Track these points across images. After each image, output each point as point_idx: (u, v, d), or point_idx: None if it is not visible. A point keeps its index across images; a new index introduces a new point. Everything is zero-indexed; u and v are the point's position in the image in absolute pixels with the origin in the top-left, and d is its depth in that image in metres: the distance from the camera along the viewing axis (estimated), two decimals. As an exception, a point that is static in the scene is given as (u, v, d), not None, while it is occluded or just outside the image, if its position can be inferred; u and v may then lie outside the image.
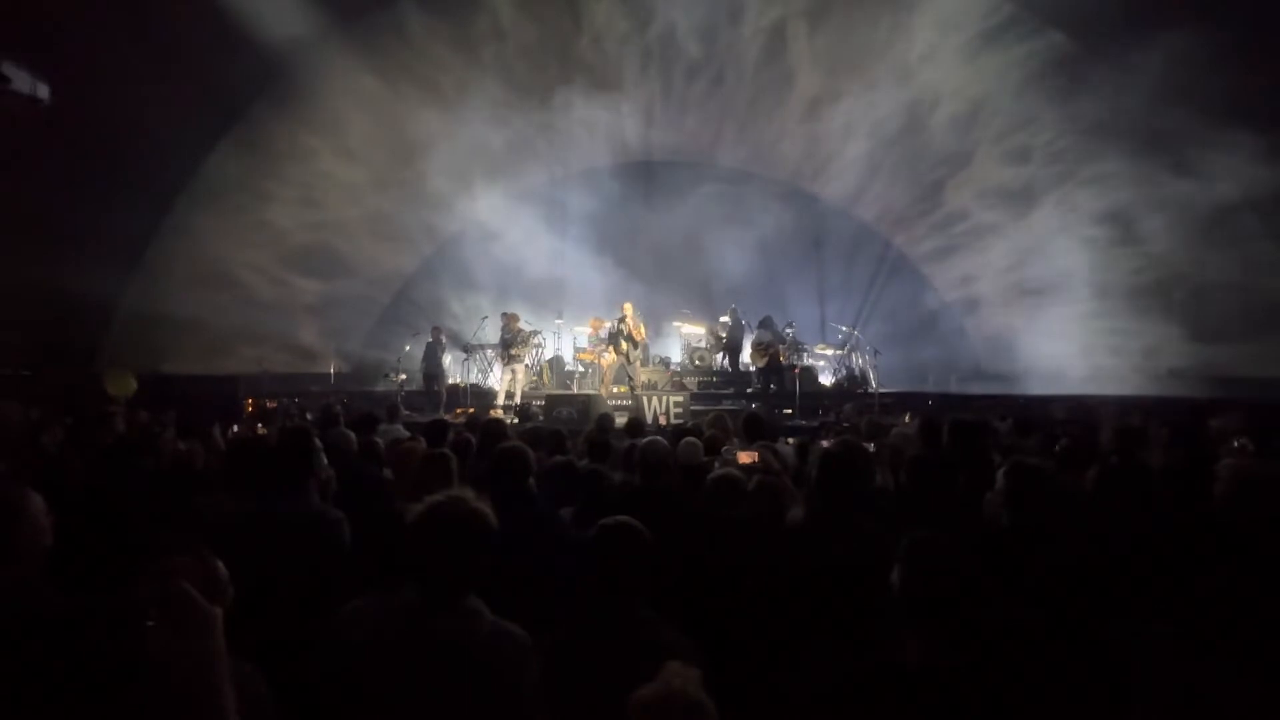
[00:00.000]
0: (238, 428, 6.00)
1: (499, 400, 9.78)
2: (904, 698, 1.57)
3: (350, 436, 3.60)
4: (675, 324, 12.53)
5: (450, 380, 10.85)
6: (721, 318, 12.04)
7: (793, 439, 4.83)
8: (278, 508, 2.33)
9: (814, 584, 2.22)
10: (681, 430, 4.61)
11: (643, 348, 10.37)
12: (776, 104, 11.39)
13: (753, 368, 11.14)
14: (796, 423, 8.43)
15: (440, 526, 1.55)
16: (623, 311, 9.62)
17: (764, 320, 10.90)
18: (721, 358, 11.94)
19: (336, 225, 11.38)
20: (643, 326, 9.86)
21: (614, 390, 9.52)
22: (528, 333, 10.09)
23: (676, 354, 12.49)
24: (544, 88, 10.70)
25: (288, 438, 2.52)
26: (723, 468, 3.15)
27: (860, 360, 11.55)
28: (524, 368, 10.12)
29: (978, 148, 10.63)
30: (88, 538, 2.16)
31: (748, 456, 3.29)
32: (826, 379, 11.96)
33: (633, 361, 9.62)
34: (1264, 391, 7.70)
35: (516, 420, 7.56)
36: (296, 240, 11.07)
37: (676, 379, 11.49)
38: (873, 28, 9.71)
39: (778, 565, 2.33)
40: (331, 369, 10.68)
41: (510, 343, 9.77)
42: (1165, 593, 2.04)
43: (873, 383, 10.88)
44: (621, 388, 9.52)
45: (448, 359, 11.01)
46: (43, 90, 7.93)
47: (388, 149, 10.66)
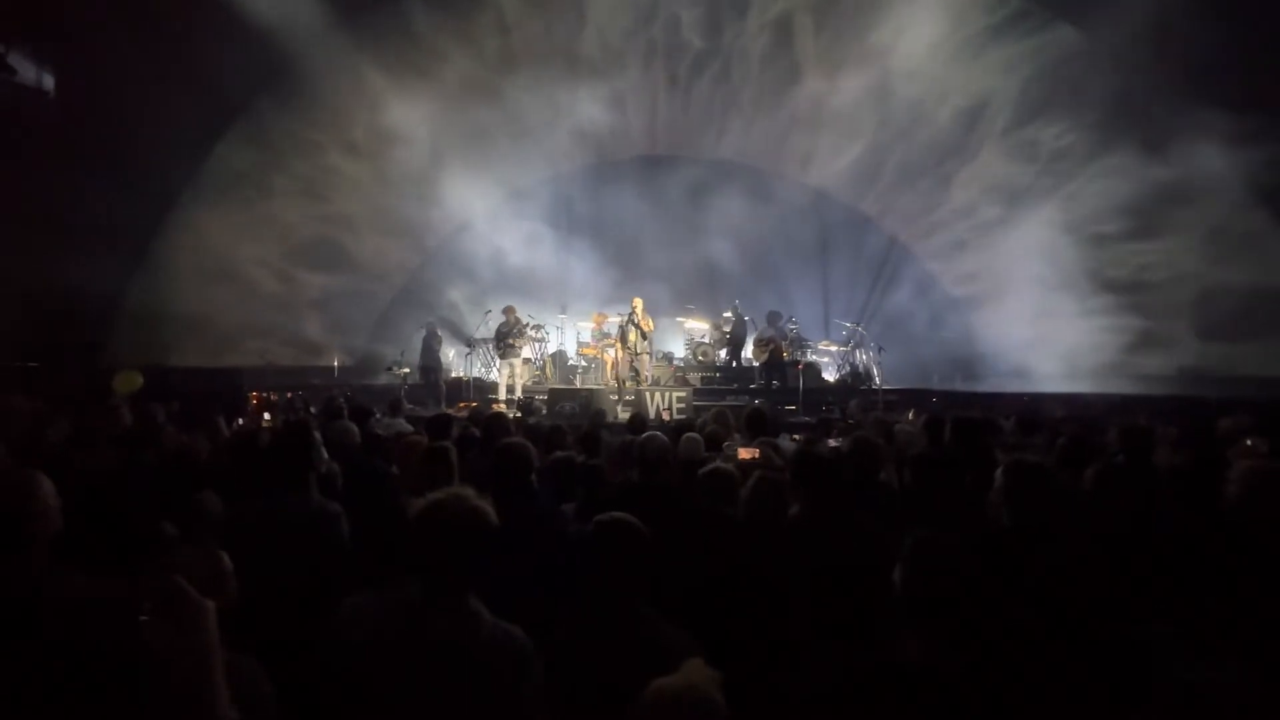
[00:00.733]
0: (242, 420, 6.04)
1: (500, 395, 9.78)
2: (905, 697, 1.56)
3: (353, 430, 3.60)
4: (679, 319, 12.51)
5: (453, 374, 10.87)
6: (725, 313, 12.02)
7: (798, 435, 4.81)
8: (277, 503, 2.33)
9: (814, 582, 2.21)
10: (683, 426, 4.60)
11: (649, 341, 10.36)
12: (782, 98, 11.32)
13: (755, 363, 11.12)
14: (799, 419, 8.40)
15: (441, 524, 1.54)
16: (632, 305, 9.66)
17: (768, 316, 10.87)
18: (724, 353, 11.93)
19: (341, 219, 11.39)
20: (650, 320, 9.92)
21: (627, 384, 9.52)
22: (523, 325, 10.06)
23: (680, 349, 12.47)
24: (548, 82, 10.66)
25: (287, 433, 2.52)
26: (721, 463, 3.14)
27: (864, 356, 11.51)
28: (521, 361, 10.09)
29: (985, 142, 10.55)
30: (91, 530, 2.17)
31: (749, 453, 3.29)
32: (830, 375, 11.93)
33: (640, 354, 9.63)
34: (1274, 391, 7.63)
35: (519, 414, 7.55)
36: (301, 235, 11.09)
37: (680, 374, 11.47)
38: (879, 21, 9.63)
39: (778, 562, 2.32)
40: (335, 363, 10.71)
41: (505, 335, 9.74)
42: (1168, 593, 2.03)
43: (876, 379, 10.84)
44: (629, 383, 9.53)
45: (450, 352, 11.03)
46: (48, 82, 7.99)
47: (391, 143, 10.64)
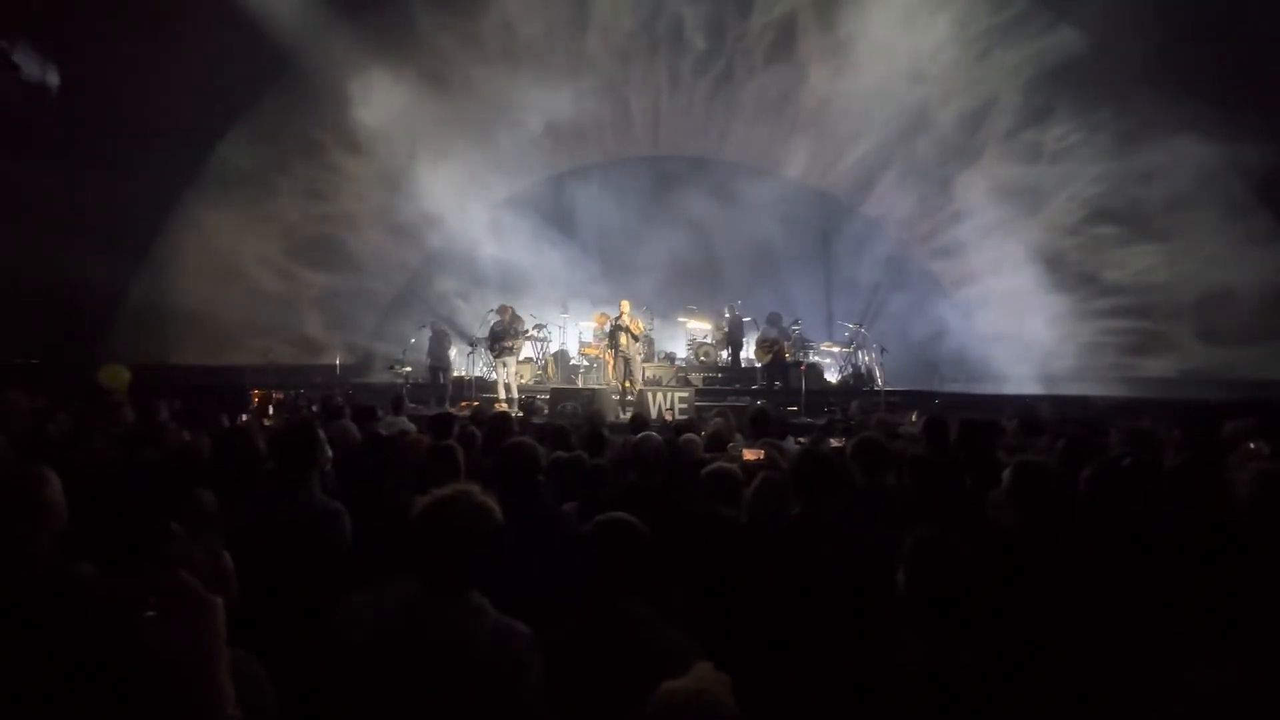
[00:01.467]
0: (245, 418, 6.04)
1: (499, 393, 9.77)
2: (907, 697, 1.55)
3: (353, 428, 3.59)
4: (680, 319, 12.49)
5: (455, 373, 10.87)
6: (726, 314, 12.02)
7: (803, 438, 4.80)
8: (279, 502, 2.33)
9: (815, 582, 2.20)
10: (684, 426, 4.60)
11: (646, 342, 10.34)
12: (785, 99, 11.31)
13: (757, 364, 11.10)
14: (802, 420, 8.39)
15: (445, 520, 1.53)
16: (619, 308, 9.64)
17: (770, 316, 10.84)
18: (726, 354, 11.92)
19: (342, 218, 11.40)
20: (640, 321, 9.86)
21: (626, 385, 9.52)
22: (520, 325, 9.99)
23: (682, 350, 12.46)
24: (551, 82, 10.66)
25: (290, 431, 2.51)
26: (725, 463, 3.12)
27: (866, 358, 11.48)
28: (516, 361, 10.03)
29: (988, 144, 10.53)
30: (92, 527, 2.16)
31: (753, 454, 3.28)
32: (832, 376, 11.90)
33: (633, 357, 9.61)
34: (1276, 393, 7.60)
35: (521, 414, 7.55)
36: (303, 233, 11.10)
37: (682, 375, 11.46)
38: (883, 21, 9.61)
39: (778, 563, 2.31)
40: (337, 361, 10.71)
41: (501, 335, 9.71)
42: (1170, 594, 2.01)
43: (879, 380, 10.81)
44: (625, 383, 9.52)
45: (453, 351, 11.03)
46: (52, 77, 8.00)
47: (394, 142, 10.65)
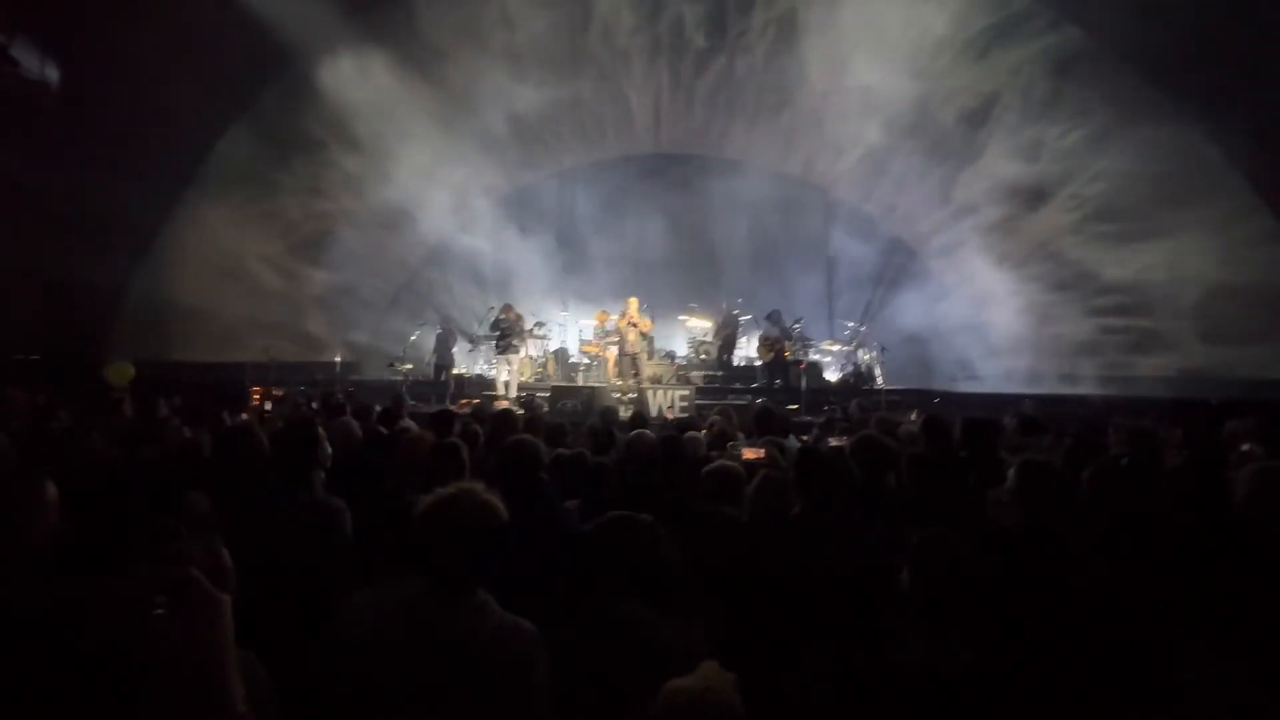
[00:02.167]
0: (246, 416, 6.04)
1: (497, 391, 9.79)
2: (908, 697, 1.56)
3: (354, 426, 3.58)
4: (680, 318, 12.49)
5: (455, 370, 10.88)
6: (723, 311, 12.00)
7: (806, 436, 4.79)
8: (281, 499, 2.32)
9: (816, 581, 2.20)
10: (684, 424, 4.60)
11: (646, 341, 10.33)
12: (786, 96, 11.28)
13: (758, 362, 11.10)
14: (803, 419, 8.39)
15: (449, 518, 1.53)
16: (627, 305, 9.65)
17: (771, 315, 10.82)
18: (721, 353, 11.91)
19: (343, 216, 11.39)
20: (648, 320, 9.90)
21: (630, 382, 9.52)
22: (523, 323, 10.04)
23: (682, 348, 12.45)
24: (552, 79, 10.64)
25: (291, 429, 2.51)
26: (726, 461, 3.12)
27: (866, 356, 11.48)
28: (519, 358, 10.08)
29: (989, 142, 10.51)
30: (92, 524, 2.16)
31: (754, 452, 3.28)
32: (832, 375, 11.90)
33: (639, 354, 9.62)
34: (1275, 393, 7.60)
35: (522, 412, 7.53)
36: (304, 230, 11.09)
37: (682, 373, 11.46)
38: (885, 19, 9.59)
39: (779, 562, 2.31)
40: (337, 358, 10.71)
41: (508, 332, 9.76)
42: (1170, 593, 2.02)
43: (879, 379, 10.81)
44: (630, 381, 9.52)
45: (455, 349, 11.06)
46: (52, 74, 7.98)
47: (394, 140, 10.64)
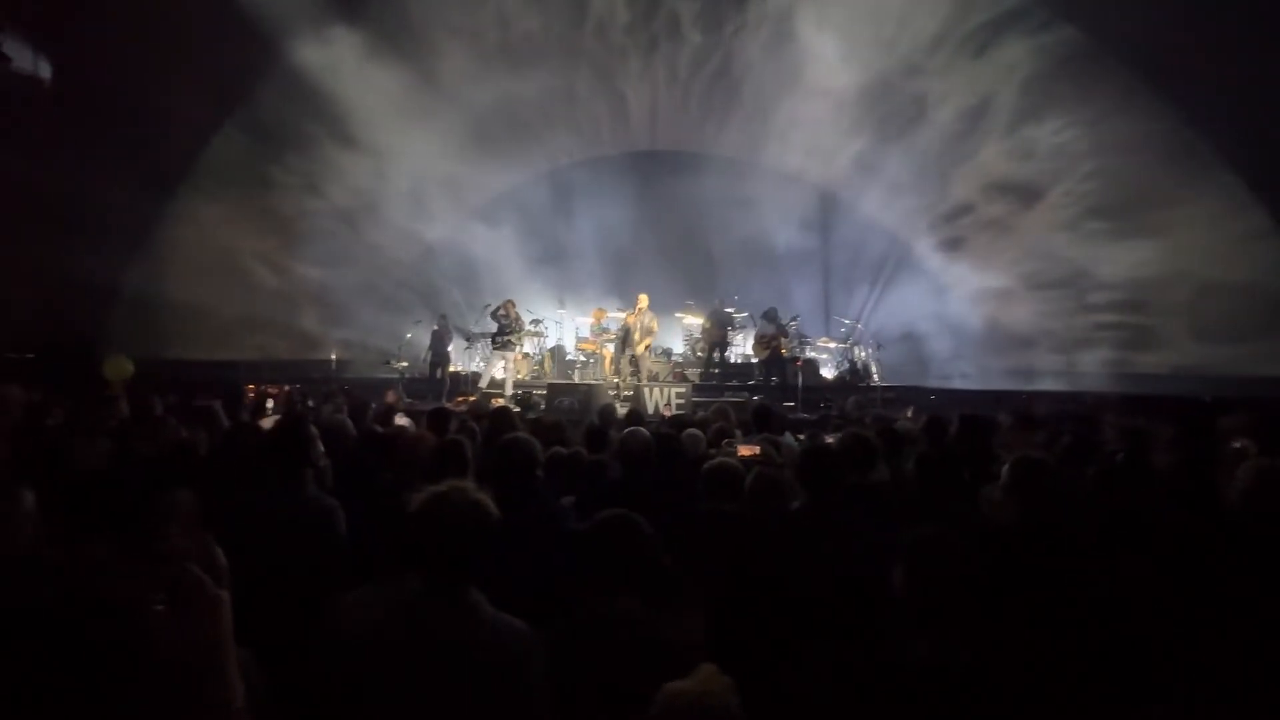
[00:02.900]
0: (248, 416, 6.00)
1: (482, 384, 9.77)
2: (908, 697, 1.56)
3: (348, 424, 3.57)
4: (677, 315, 12.48)
5: (451, 368, 10.87)
6: (714, 308, 12.00)
7: (803, 434, 4.79)
8: (273, 498, 2.31)
9: (816, 580, 2.20)
10: (681, 421, 4.59)
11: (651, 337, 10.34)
12: (782, 94, 11.27)
13: (755, 359, 11.11)
14: (799, 416, 8.41)
15: (441, 517, 1.53)
16: (638, 302, 9.67)
17: (767, 312, 10.83)
18: (723, 351, 11.90)
19: (338, 213, 11.34)
20: (655, 319, 9.93)
21: (628, 380, 9.51)
22: (522, 320, 10.03)
23: (679, 345, 12.44)
24: (547, 76, 10.60)
25: (284, 427, 2.50)
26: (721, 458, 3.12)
27: (863, 353, 11.51)
28: (513, 355, 10.07)
29: (985, 140, 10.53)
30: (88, 521, 2.16)
31: (749, 449, 3.28)
32: (828, 372, 11.92)
33: (643, 354, 9.62)
34: (1270, 390, 7.65)
35: (519, 409, 7.53)
36: (298, 227, 11.05)
37: (678, 370, 11.45)
38: (881, 17, 9.58)
39: (777, 560, 2.31)
40: (332, 356, 10.69)
41: (507, 329, 9.73)
42: (1168, 592, 2.02)
43: (875, 376, 10.83)
44: (630, 379, 9.51)
45: (451, 346, 11.03)
46: (44, 69, 7.92)
47: (389, 136, 10.59)
